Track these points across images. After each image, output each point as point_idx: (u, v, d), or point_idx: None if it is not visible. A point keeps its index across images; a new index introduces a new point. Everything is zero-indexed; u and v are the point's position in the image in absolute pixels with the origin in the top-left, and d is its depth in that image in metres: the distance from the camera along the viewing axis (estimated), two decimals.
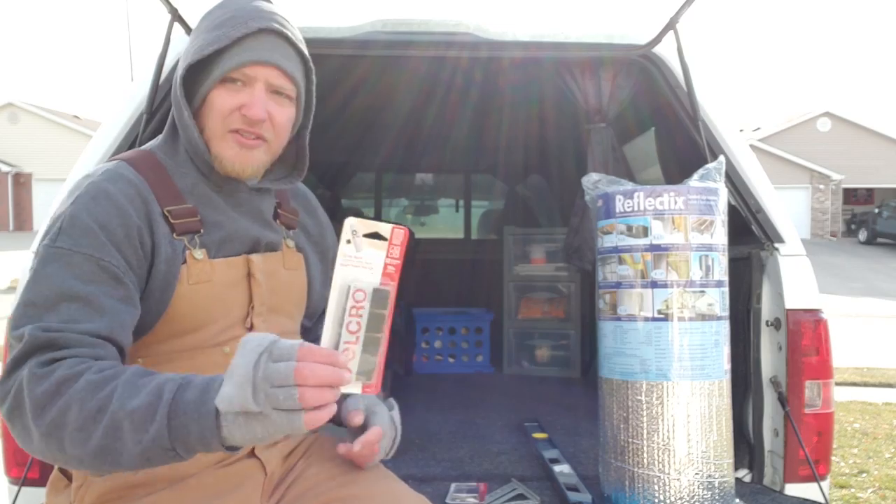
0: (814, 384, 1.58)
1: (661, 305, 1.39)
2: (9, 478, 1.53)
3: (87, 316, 0.85)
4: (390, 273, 0.76)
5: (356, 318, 0.73)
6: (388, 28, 1.72)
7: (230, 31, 0.97)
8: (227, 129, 0.98)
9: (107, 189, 0.93)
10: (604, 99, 1.97)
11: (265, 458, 1.03)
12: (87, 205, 0.91)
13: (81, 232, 0.89)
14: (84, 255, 0.88)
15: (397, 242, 0.76)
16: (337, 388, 0.71)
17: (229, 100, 0.98)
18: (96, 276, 0.88)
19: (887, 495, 3.07)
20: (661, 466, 1.38)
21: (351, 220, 0.73)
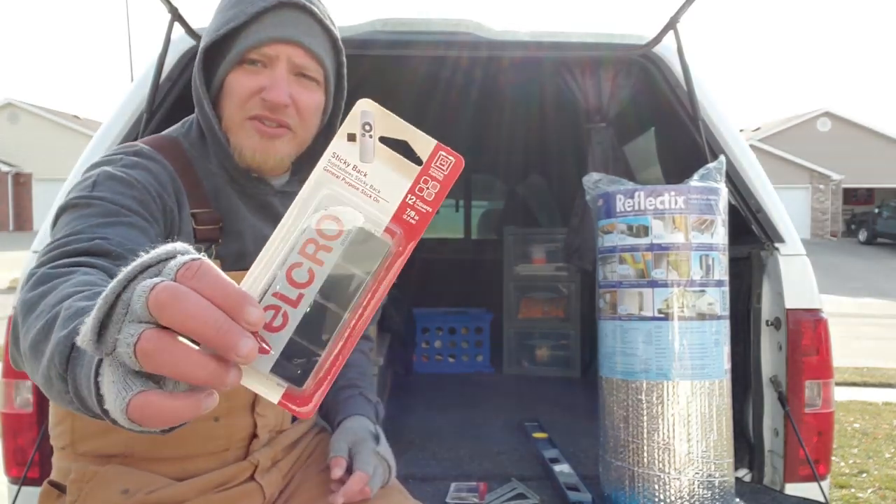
0: (814, 384, 1.58)
1: (661, 305, 1.39)
2: (9, 477, 1.54)
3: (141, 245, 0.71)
4: (409, 221, 0.42)
5: (312, 262, 0.39)
6: (389, 28, 1.73)
7: (248, 6, 0.87)
8: (245, 116, 0.89)
9: (141, 162, 0.85)
10: (604, 99, 1.97)
11: (265, 483, 0.96)
12: (122, 170, 0.82)
13: (119, 184, 0.79)
14: (126, 198, 0.78)
15: (439, 174, 0.43)
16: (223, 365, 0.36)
17: (248, 82, 0.88)
18: (141, 208, 0.79)
19: (887, 495, 3.07)
20: (661, 466, 1.38)
21: (366, 104, 0.42)
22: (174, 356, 0.35)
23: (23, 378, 1.50)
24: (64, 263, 0.63)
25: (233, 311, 0.36)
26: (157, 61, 1.63)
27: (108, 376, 0.38)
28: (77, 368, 0.45)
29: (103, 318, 0.37)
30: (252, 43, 0.87)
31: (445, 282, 3.65)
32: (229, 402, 0.93)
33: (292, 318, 0.38)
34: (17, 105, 24.70)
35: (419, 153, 0.43)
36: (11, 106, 24.64)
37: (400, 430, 2.15)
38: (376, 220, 0.41)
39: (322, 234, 0.39)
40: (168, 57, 1.65)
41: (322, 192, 0.40)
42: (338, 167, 0.41)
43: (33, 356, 0.52)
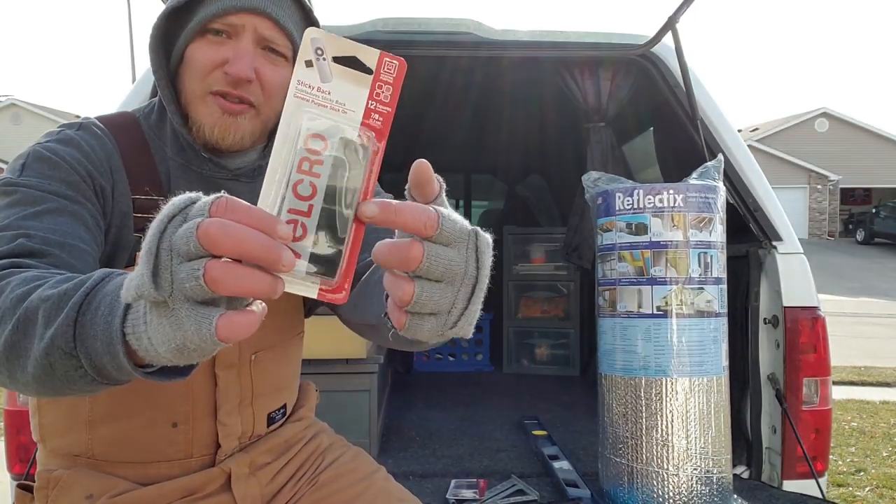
0: (811, 381, 1.59)
1: (660, 302, 1.40)
2: (11, 474, 1.54)
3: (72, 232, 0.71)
4: (375, 124, 0.48)
5: (310, 176, 0.45)
6: (389, 28, 1.73)
7: None
8: (207, 91, 0.82)
9: (75, 138, 0.82)
10: (603, 98, 1.98)
11: (239, 495, 0.87)
12: (50, 146, 0.80)
13: (48, 165, 0.77)
14: (54, 184, 0.76)
15: (388, 79, 0.49)
16: (272, 278, 0.41)
17: (210, 54, 0.81)
18: (70, 191, 0.76)
19: (884, 493, 3.08)
20: (660, 462, 1.39)
21: (313, 32, 0.47)
22: (240, 276, 0.40)
23: None
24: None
25: (268, 230, 0.41)
26: None
27: (159, 321, 0.42)
28: (90, 341, 0.48)
29: (153, 267, 0.41)
30: (215, 11, 0.80)
31: None
32: (187, 408, 0.85)
33: (310, 227, 0.45)
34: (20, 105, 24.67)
35: (368, 64, 0.48)
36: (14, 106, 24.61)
37: (400, 428, 2.16)
38: (352, 128, 0.47)
39: (311, 151, 0.46)
40: None
41: (300, 116, 0.46)
42: (305, 92, 0.47)
43: (12, 356, 0.54)
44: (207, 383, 0.85)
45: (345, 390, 1.85)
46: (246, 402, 0.89)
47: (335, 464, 0.97)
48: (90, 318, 0.49)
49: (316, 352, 1.80)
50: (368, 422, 1.86)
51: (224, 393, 0.87)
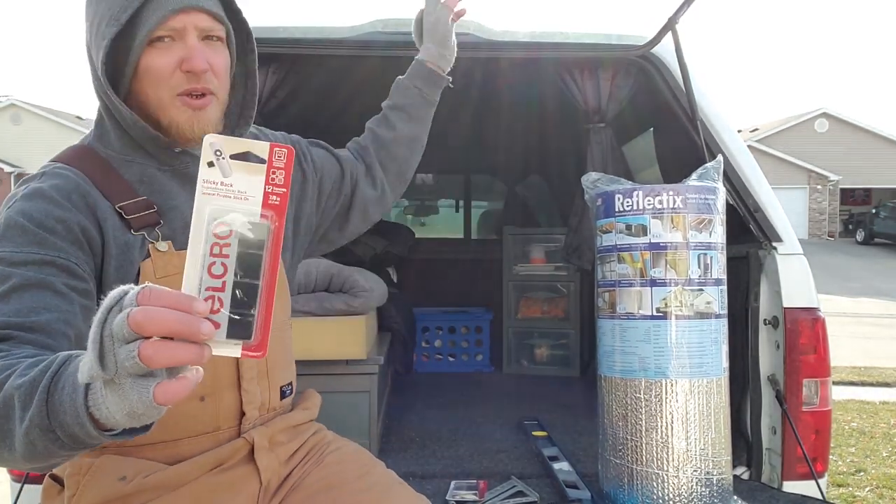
0: (811, 382, 1.59)
1: (659, 303, 1.40)
2: (11, 476, 1.54)
3: (42, 304, 0.78)
4: (273, 204, 0.57)
5: (220, 258, 0.55)
6: (389, 28, 1.73)
7: None
8: (174, 93, 0.90)
9: (40, 188, 0.86)
10: (603, 99, 1.98)
11: (262, 466, 0.98)
12: (21, 207, 0.84)
13: (20, 232, 0.82)
14: (27, 254, 0.81)
15: (280, 164, 0.57)
16: (197, 347, 0.51)
17: (166, 59, 0.89)
18: (45, 269, 0.81)
19: (884, 494, 3.08)
20: (660, 463, 1.39)
21: (210, 138, 0.56)
22: (168, 351, 0.50)
23: None
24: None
25: (186, 309, 0.51)
26: None
27: (111, 394, 0.53)
28: (61, 416, 0.58)
29: (98, 352, 0.51)
30: (158, 20, 0.87)
31: (445, 281, 3.66)
32: (214, 382, 0.94)
33: (225, 299, 0.55)
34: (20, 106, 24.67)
35: (261, 156, 0.58)
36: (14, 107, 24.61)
37: (400, 429, 2.16)
38: (252, 212, 0.57)
39: (219, 237, 0.55)
40: None
41: (207, 209, 0.55)
42: (210, 188, 0.56)
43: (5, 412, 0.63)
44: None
45: (345, 391, 1.85)
46: (263, 373, 1.00)
47: (339, 451, 1.08)
48: (58, 398, 0.58)
49: (316, 353, 1.80)
50: (368, 422, 1.86)
51: (246, 362, 0.96)
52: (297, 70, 1.91)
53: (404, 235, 3.53)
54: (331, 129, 3.10)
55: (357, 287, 1.97)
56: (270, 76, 1.83)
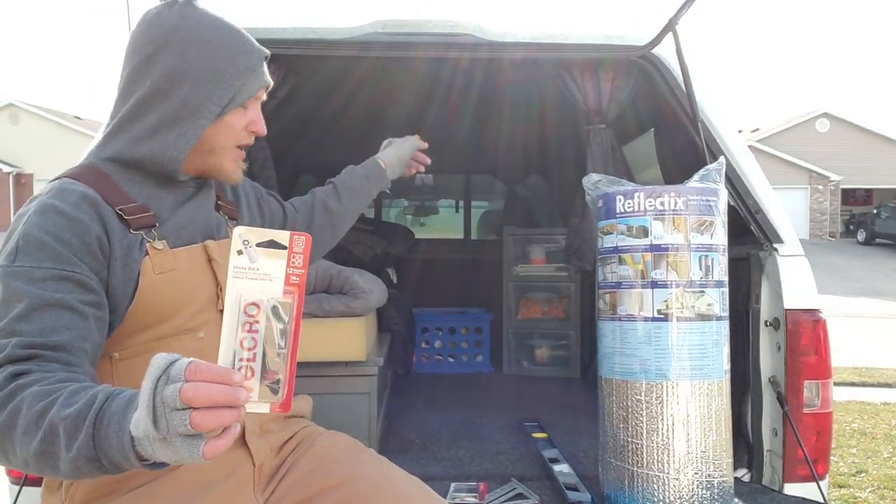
0: (812, 384, 1.58)
1: (660, 305, 1.39)
2: (10, 478, 1.54)
3: (61, 323, 0.86)
4: (294, 283, 0.69)
5: (251, 334, 0.67)
6: (388, 29, 1.73)
7: (242, 63, 1.04)
8: (234, 146, 1.07)
9: (53, 204, 0.93)
10: (603, 100, 1.98)
11: (254, 448, 1.05)
12: (36, 222, 0.91)
13: (37, 247, 0.89)
14: (45, 269, 0.88)
15: (299, 250, 0.70)
16: (236, 409, 0.65)
17: (243, 120, 1.07)
18: (62, 286, 0.89)
19: (885, 495, 3.08)
20: (661, 466, 1.38)
21: (239, 230, 0.69)
22: (215, 417, 0.64)
23: None
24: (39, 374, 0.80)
25: (226, 381, 0.65)
26: None
27: (161, 447, 0.66)
28: (107, 450, 0.71)
29: (153, 417, 0.65)
30: (252, 93, 1.06)
31: (445, 282, 3.65)
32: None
33: (256, 368, 0.68)
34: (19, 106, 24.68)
35: (282, 243, 0.70)
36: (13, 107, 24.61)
37: (400, 430, 2.16)
38: (276, 291, 0.69)
39: (249, 315, 0.68)
40: None
41: (237, 289, 0.68)
42: (239, 272, 0.69)
43: (41, 461, 0.75)
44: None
45: (344, 393, 1.85)
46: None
47: (331, 437, 1.15)
48: (104, 434, 0.71)
49: (315, 354, 1.80)
50: (368, 424, 1.85)
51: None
52: (297, 70, 1.91)
53: (404, 236, 3.53)
54: (330, 128, 3.10)
55: (357, 288, 1.96)
56: (270, 76, 1.83)
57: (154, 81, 1.00)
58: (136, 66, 1.02)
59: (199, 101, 1.01)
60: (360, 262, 2.91)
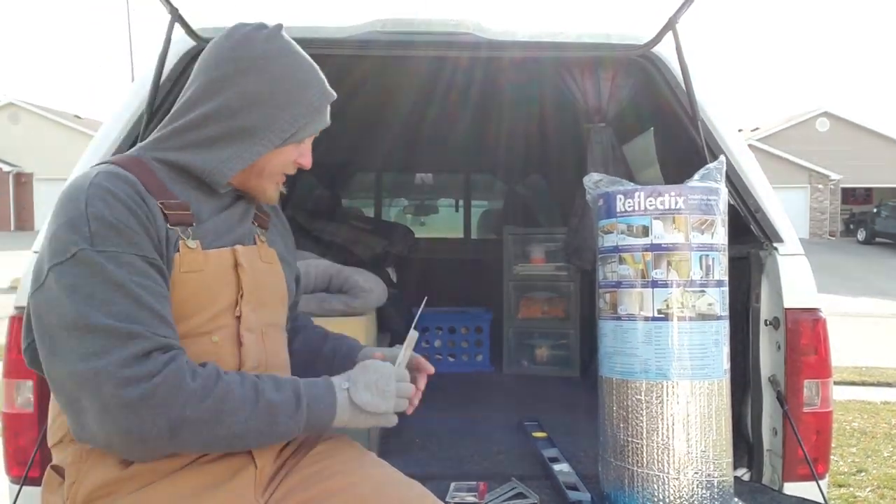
0: (812, 383, 1.58)
1: (661, 305, 1.39)
2: (10, 477, 1.54)
3: (166, 311, 0.93)
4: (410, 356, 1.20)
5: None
6: (388, 28, 1.73)
7: (314, 101, 1.09)
8: (280, 173, 1.12)
9: (108, 189, 0.94)
10: (603, 99, 1.98)
11: (256, 451, 1.04)
12: (100, 206, 0.92)
13: (113, 232, 0.92)
14: (129, 255, 0.92)
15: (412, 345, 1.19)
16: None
17: (295, 153, 1.11)
18: (149, 270, 0.93)
19: (885, 494, 3.08)
20: (661, 465, 1.38)
21: (413, 333, 1.20)
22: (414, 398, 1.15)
23: (24, 378, 1.50)
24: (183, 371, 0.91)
25: (413, 395, 1.14)
26: (158, 61, 1.64)
27: (362, 416, 1.04)
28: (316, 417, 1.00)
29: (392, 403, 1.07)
30: (315, 131, 1.12)
31: (445, 281, 3.65)
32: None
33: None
34: (19, 105, 24.67)
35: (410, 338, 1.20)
36: (12, 106, 24.60)
37: (399, 430, 2.14)
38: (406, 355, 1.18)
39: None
40: (168, 57, 1.65)
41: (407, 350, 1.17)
42: (412, 339, 1.18)
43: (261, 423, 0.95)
44: (234, 346, 1.05)
45: None
46: (262, 367, 1.08)
47: (331, 440, 1.17)
48: (316, 408, 1.00)
49: None
50: None
51: (247, 352, 1.05)
52: None
53: (404, 235, 3.53)
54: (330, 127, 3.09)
55: (356, 288, 1.96)
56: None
57: (226, 99, 1.03)
58: (211, 80, 1.04)
59: (263, 128, 1.04)
60: (360, 261, 2.91)
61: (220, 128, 1.03)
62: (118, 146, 1.64)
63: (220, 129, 1.03)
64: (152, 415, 0.87)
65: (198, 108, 1.04)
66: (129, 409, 0.86)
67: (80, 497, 0.95)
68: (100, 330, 0.87)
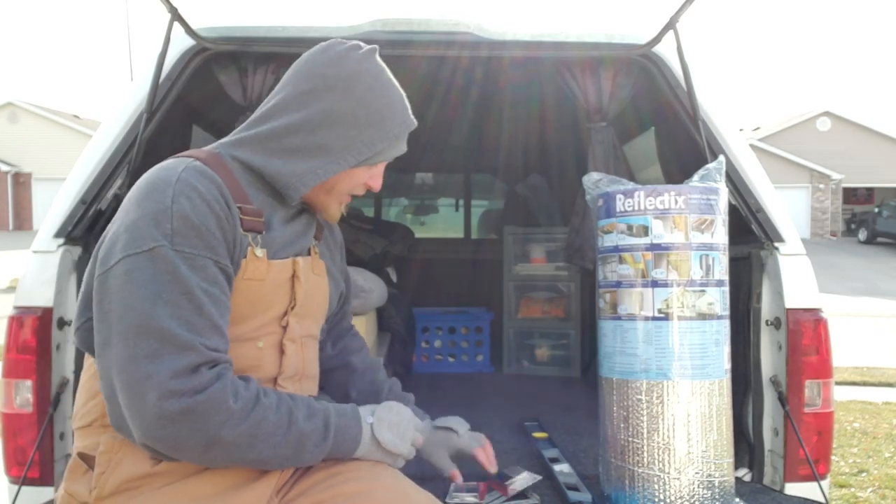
0: (814, 383, 1.58)
1: (661, 305, 1.39)
2: (9, 477, 1.54)
3: (224, 321, 0.94)
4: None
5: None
6: (388, 27, 1.72)
7: (394, 129, 1.08)
8: (348, 193, 1.13)
9: (196, 187, 0.95)
10: (604, 98, 1.97)
11: None
12: (187, 205, 0.93)
13: (194, 233, 0.93)
14: (205, 258, 0.93)
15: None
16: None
17: (366, 175, 1.12)
18: (218, 277, 0.94)
19: (887, 494, 3.07)
20: (662, 466, 1.38)
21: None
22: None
23: (23, 378, 1.50)
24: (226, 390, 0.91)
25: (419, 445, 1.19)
26: (157, 61, 1.63)
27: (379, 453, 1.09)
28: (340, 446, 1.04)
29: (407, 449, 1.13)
30: (390, 157, 1.12)
31: (445, 281, 3.65)
32: (254, 375, 1.02)
33: None
34: (17, 105, 24.66)
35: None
36: (11, 105, 24.60)
37: None
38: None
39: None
40: (168, 57, 1.65)
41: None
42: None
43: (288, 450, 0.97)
44: (276, 353, 1.07)
45: None
46: (298, 376, 1.12)
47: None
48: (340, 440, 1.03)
49: None
50: None
51: (289, 360, 1.08)
52: None
53: (404, 235, 3.52)
54: None
55: (356, 287, 1.96)
56: (270, 76, 1.82)
57: (310, 114, 1.04)
58: (300, 92, 1.05)
59: (342, 147, 1.06)
60: (360, 261, 2.91)
61: (300, 141, 1.04)
62: (117, 146, 1.64)
63: (300, 142, 1.04)
64: (189, 430, 0.88)
65: (282, 118, 1.05)
66: (167, 421, 0.87)
67: (108, 488, 0.95)
68: (158, 333, 0.87)
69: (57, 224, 1.58)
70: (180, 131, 2.13)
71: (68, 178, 1.63)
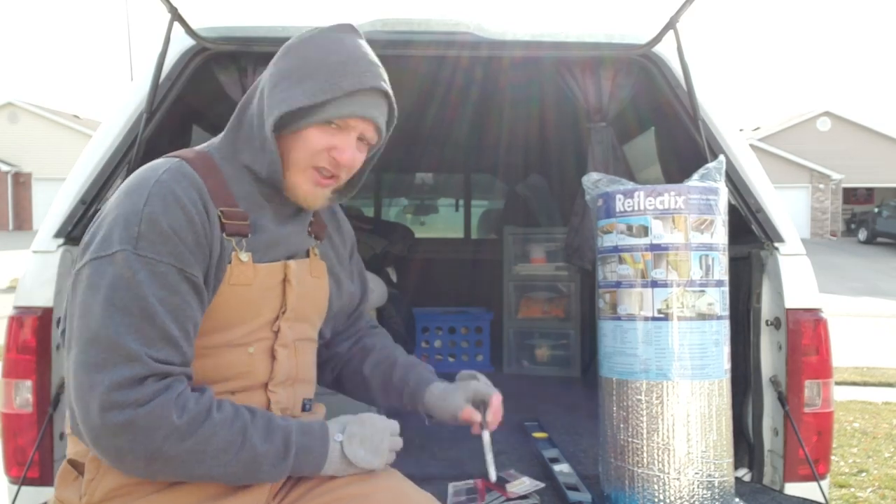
0: (813, 383, 1.58)
1: (661, 305, 1.39)
2: (9, 477, 1.54)
3: (182, 332, 0.91)
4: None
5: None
6: (388, 27, 1.72)
7: (343, 82, 1.00)
8: (310, 165, 1.03)
9: (174, 190, 0.94)
10: (604, 98, 1.97)
11: None
12: (158, 209, 0.92)
13: (161, 239, 0.91)
14: (167, 265, 0.91)
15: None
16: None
17: (324, 140, 1.02)
18: (180, 286, 0.92)
19: (886, 494, 3.07)
20: (661, 466, 1.38)
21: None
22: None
23: (23, 378, 1.50)
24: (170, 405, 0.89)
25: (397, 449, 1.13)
26: (157, 61, 1.63)
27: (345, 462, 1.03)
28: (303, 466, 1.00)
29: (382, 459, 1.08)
30: (342, 114, 1.01)
31: (445, 281, 3.64)
32: (245, 382, 1.02)
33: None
34: (17, 105, 24.66)
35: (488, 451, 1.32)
36: (11, 105, 24.60)
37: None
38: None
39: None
40: (168, 57, 1.65)
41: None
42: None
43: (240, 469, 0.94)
44: (268, 359, 1.05)
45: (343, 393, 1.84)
46: (290, 381, 1.09)
47: None
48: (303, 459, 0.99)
49: None
50: None
51: (280, 366, 1.06)
52: None
53: (404, 235, 3.52)
54: None
55: None
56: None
57: (262, 83, 1.03)
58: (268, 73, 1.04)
59: (280, 100, 1.00)
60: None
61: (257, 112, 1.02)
62: (117, 146, 1.64)
63: (257, 113, 1.02)
64: (131, 443, 0.87)
65: (245, 106, 1.05)
66: (109, 432, 0.86)
67: (98, 494, 0.95)
68: (107, 342, 0.87)
69: (57, 224, 1.58)
70: (180, 131, 2.13)
71: (68, 178, 1.64)
